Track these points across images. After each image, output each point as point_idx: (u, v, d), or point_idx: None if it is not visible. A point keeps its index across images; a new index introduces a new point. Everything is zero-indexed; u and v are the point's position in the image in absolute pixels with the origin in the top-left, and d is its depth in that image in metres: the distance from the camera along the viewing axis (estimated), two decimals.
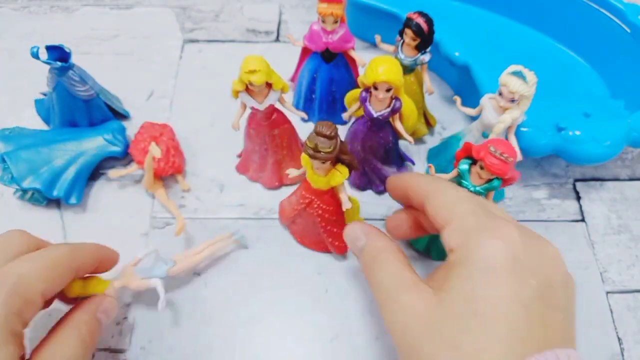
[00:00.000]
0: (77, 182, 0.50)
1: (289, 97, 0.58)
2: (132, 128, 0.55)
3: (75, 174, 0.50)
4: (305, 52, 0.54)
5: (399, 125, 0.46)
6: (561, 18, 0.59)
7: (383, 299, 0.31)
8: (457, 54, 0.53)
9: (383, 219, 0.50)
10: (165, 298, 0.40)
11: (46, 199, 0.50)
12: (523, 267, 0.27)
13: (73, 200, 0.49)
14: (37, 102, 0.57)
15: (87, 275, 0.40)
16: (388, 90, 0.42)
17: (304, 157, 0.39)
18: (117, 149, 0.51)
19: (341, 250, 0.47)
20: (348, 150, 0.39)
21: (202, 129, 0.56)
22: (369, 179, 0.51)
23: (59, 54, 0.48)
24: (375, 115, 0.44)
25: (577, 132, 0.46)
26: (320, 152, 0.36)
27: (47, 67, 0.49)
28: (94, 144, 0.51)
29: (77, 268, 0.36)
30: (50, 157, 0.50)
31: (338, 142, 0.37)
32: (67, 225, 0.50)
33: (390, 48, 0.50)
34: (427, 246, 0.47)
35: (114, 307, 0.39)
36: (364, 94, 0.44)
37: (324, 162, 0.37)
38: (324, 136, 0.36)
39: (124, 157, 0.53)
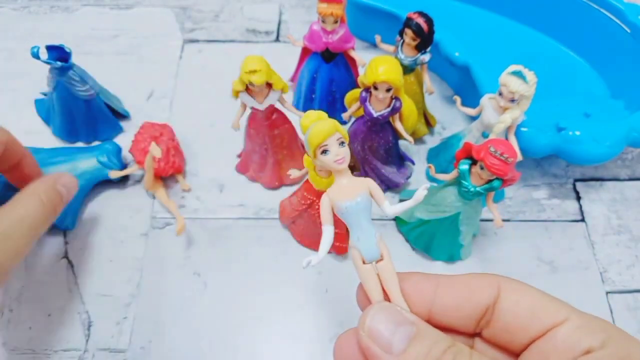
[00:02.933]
0: (71, 206, 0.47)
1: (289, 97, 0.58)
2: (132, 128, 0.55)
3: None
4: (305, 52, 0.54)
5: (399, 125, 0.46)
6: (561, 18, 0.59)
7: None
8: (457, 54, 0.53)
9: (382, 219, 0.50)
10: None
11: None
12: None
13: (66, 224, 0.48)
14: (37, 102, 0.57)
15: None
16: (388, 90, 0.42)
17: (306, 158, 0.39)
18: None
19: (341, 251, 0.47)
20: (352, 152, 0.39)
21: (202, 129, 0.56)
22: None
23: (59, 54, 0.48)
24: (375, 115, 0.44)
25: (577, 132, 0.46)
26: None
27: (48, 67, 0.49)
28: (89, 166, 0.49)
29: None
30: None
31: None
32: None
33: (390, 48, 0.50)
34: (426, 246, 0.47)
35: (74, 182, 0.41)
36: (364, 94, 0.44)
37: None
38: None
39: (120, 180, 0.52)
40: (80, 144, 0.54)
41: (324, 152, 0.25)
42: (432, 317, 0.25)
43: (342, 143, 0.25)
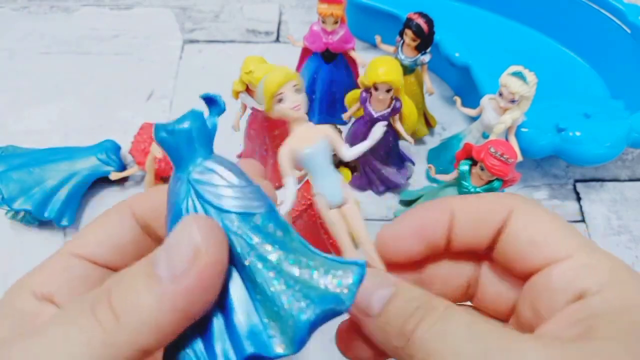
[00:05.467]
0: (70, 203, 0.48)
1: None
2: (132, 129, 0.55)
3: (68, 195, 0.48)
4: (305, 52, 0.54)
5: (399, 126, 0.46)
6: (561, 18, 0.59)
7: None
8: (457, 54, 0.53)
9: (383, 220, 0.50)
10: None
11: (38, 219, 0.48)
12: None
13: (64, 222, 0.48)
14: None
15: None
16: (388, 90, 0.42)
17: None
18: (111, 169, 0.50)
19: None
20: None
21: None
22: (369, 179, 0.51)
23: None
24: (375, 115, 0.44)
25: (577, 133, 0.46)
26: None
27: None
28: (87, 164, 0.50)
29: None
30: (42, 178, 0.48)
31: None
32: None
33: (391, 49, 0.50)
34: None
35: None
36: (364, 94, 0.44)
37: None
38: None
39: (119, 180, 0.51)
40: (79, 145, 0.54)
41: (280, 100, 0.25)
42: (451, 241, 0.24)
43: (297, 90, 0.25)
